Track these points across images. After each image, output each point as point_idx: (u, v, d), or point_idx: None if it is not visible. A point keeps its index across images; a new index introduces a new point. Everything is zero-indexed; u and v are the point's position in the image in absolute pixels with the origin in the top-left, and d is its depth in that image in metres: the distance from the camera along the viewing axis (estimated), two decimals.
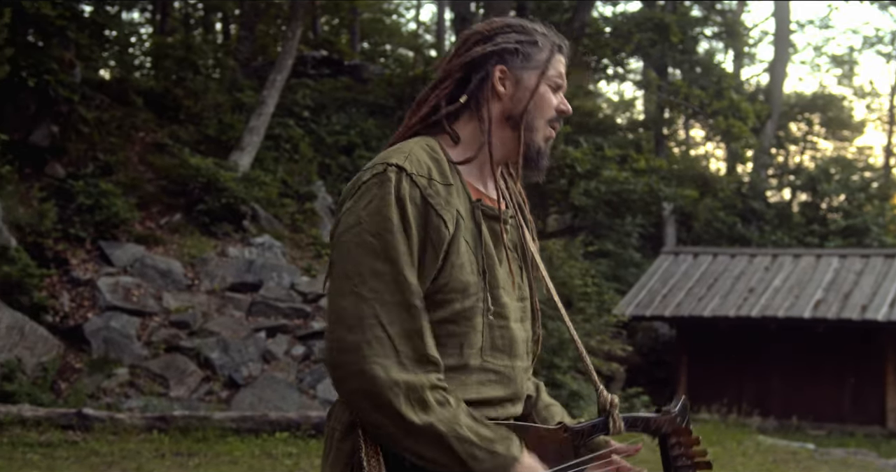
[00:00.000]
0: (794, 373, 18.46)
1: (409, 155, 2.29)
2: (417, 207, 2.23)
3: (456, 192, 2.32)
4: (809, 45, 48.90)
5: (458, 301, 2.27)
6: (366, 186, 2.26)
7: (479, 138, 2.41)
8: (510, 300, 2.39)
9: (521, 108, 2.40)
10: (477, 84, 2.42)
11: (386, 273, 2.18)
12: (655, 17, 18.18)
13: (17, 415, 10.93)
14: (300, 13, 18.44)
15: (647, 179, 14.48)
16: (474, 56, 2.43)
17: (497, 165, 2.45)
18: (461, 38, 2.48)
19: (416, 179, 2.25)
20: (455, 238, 2.27)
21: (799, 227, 25.00)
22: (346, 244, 2.22)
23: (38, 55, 14.29)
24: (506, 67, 2.41)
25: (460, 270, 2.27)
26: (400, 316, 2.18)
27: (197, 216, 15.60)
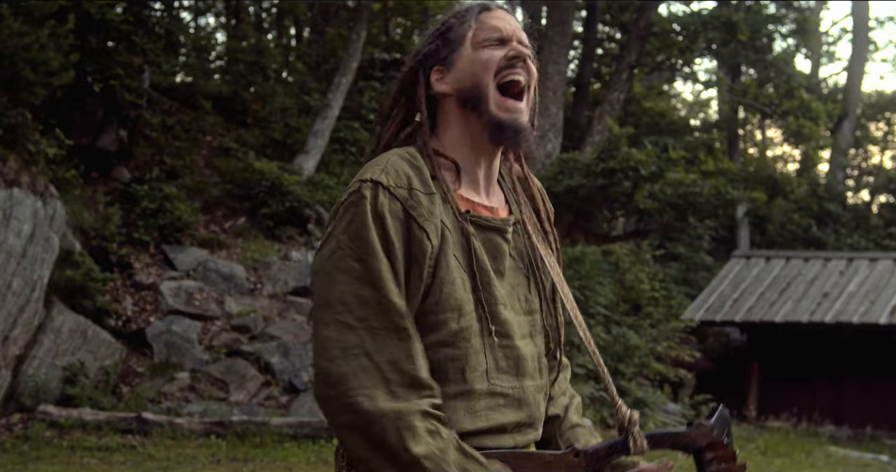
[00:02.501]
0: (869, 381, 17.97)
1: (386, 167, 2.17)
2: (400, 220, 2.12)
3: (440, 201, 2.19)
4: (891, 42, 47.76)
5: (453, 321, 2.14)
6: (343, 208, 2.15)
7: (421, 144, 2.28)
8: (513, 316, 2.24)
9: (461, 84, 2.26)
10: (414, 95, 2.31)
11: (371, 299, 2.07)
12: (723, 16, 17.83)
13: (79, 419, 11.04)
14: (365, 16, 18.42)
15: (714, 182, 14.17)
16: (403, 78, 2.33)
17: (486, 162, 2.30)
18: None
19: (394, 192, 2.13)
20: (442, 252, 2.15)
21: (877, 230, 24.40)
22: (328, 271, 2.12)
23: (104, 60, 14.42)
24: (440, 65, 2.29)
25: (451, 286, 2.14)
26: (388, 342, 2.07)
27: (261, 220, 15.65)
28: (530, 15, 21.08)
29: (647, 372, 16.00)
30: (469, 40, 2.27)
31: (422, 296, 2.13)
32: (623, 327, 16.07)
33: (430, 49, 2.29)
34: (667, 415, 15.75)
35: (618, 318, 16.31)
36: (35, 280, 11.84)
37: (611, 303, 16.31)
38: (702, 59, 23.97)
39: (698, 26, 17.98)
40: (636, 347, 15.36)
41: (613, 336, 15.48)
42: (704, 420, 2.29)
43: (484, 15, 2.30)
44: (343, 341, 2.06)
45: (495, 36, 2.27)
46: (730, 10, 18.86)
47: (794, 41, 26.01)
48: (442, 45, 2.29)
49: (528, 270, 2.33)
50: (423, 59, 2.29)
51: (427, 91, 2.29)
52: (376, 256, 2.08)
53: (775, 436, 14.92)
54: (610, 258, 17.36)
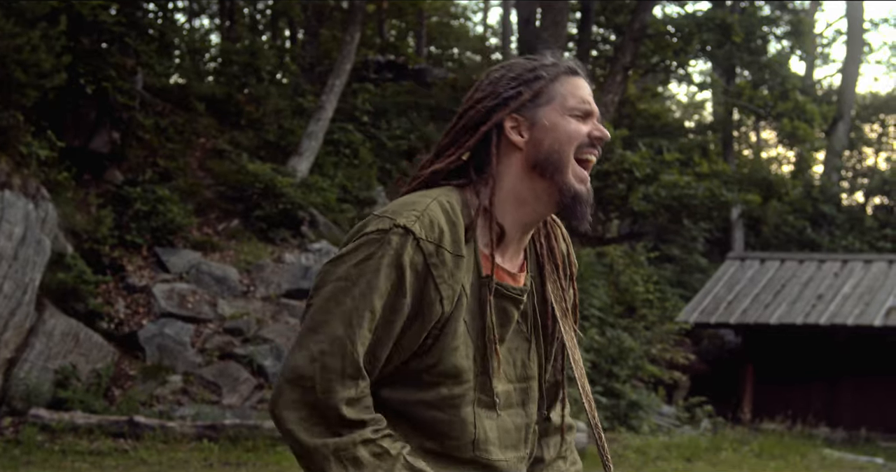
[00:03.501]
0: (864, 383, 17.96)
1: (423, 215, 2.09)
2: (418, 274, 2.06)
3: (466, 264, 2.12)
4: (885, 44, 47.78)
5: (445, 386, 2.11)
6: (366, 240, 2.08)
7: (485, 193, 2.18)
8: (503, 387, 2.19)
9: (543, 148, 2.16)
10: (482, 138, 2.20)
11: (339, 339, 2.04)
12: (718, 18, 17.80)
13: (70, 422, 10.99)
14: (359, 18, 18.38)
15: (708, 184, 14.14)
16: (475, 115, 2.21)
17: (528, 227, 2.22)
18: (464, 101, 2.27)
19: (422, 245, 2.06)
20: (452, 317, 2.09)
21: (871, 231, 24.38)
22: (324, 295, 2.08)
23: (96, 62, 14.36)
24: (516, 114, 2.19)
25: (453, 354, 2.10)
26: (333, 384, 2.04)
27: (254, 222, 15.60)
28: (525, 17, 21.05)
29: (641, 374, 15.98)
30: (557, 102, 2.19)
31: (419, 353, 2.10)
32: (617, 329, 16.05)
33: (512, 94, 2.19)
34: (661, 417, 15.73)
35: (612, 320, 16.29)
36: (26, 283, 11.79)
37: (605, 305, 16.29)
38: (696, 60, 23.95)
39: (693, 28, 17.95)
40: (630, 349, 15.34)
41: (608, 338, 15.45)
42: None
43: (573, 79, 2.22)
44: (302, 370, 2.05)
45: (584, 108, 2.20)
46: (724, 12, 18.83)
47: (788, 43, 25.99)
48: (528, 95, 2.19)
49: (530, 333, 2.26)
50: (501, 103, 2.19)
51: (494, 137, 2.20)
52: (370, 301, 2.04)
53: (770, 439, 14.89)
54: (604, 260, 17.35)
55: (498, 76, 2.23)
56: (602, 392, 14.54)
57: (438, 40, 30.39)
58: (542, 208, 2.20)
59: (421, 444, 2.11)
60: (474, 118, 2.20)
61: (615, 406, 14.56)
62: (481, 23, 38.51)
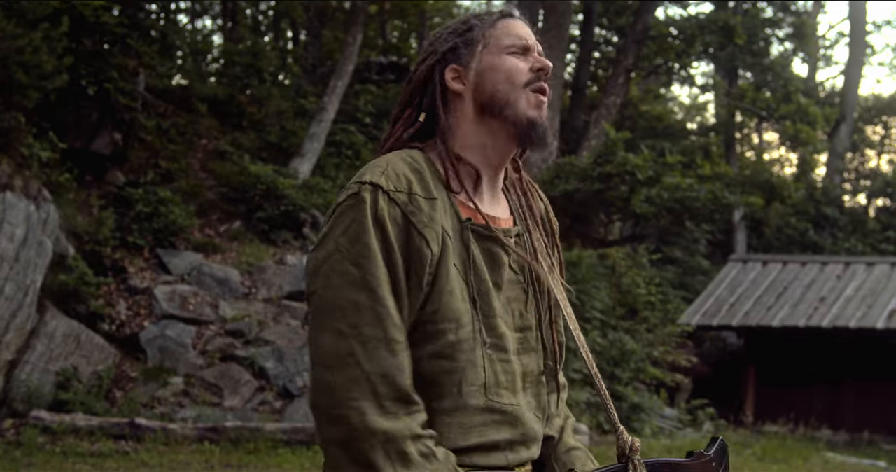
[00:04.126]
0: (867, 386, 17.92)
1: (386, 170, 2.10)
2: (399, 226, 2.05)
3: (442, 207, 2.12)
4: (888, 46, 47.75)
5: (451, 332, 2.08)
6: (341, 209, 2.08)
7: (443, 147, 2.20)
8: (509, 331, 2.17)
9: (486, 89, 2.20)
10: (430, 96, 2.24)
11: (365, 305, 2.00)
12: (720, 20, 17.77)
13: (71, 424, 10.96)
14: (361, 19, 18.36)
15: (710, 186, 14.12)
16: (420, 76, 2.26)
17: (497, 168, 2.24)
18: (409, 74, 2.32)
19: (394, 196, 2.06)
20: (443, 259, 2.08)
21: (874, 233, 24.34)
22: (325, 274, 2.04)
23: (98, 63, 14.35)
24: (455, 65, 2.24)
25: (450, 296, 2.08)
26: (379, 353, 1.99)
27: (256, 224, 15.59)
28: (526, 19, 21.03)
29: (643, 377, 15.94)
30: (492, 44, 2.23)
31: (420, 304, 2.07)
32: (619, 331, 16.02)
33: (448, 47, 2.24)
34: (663, 420, 15.70)
35: (614, 322, 16.25)
36: (28, 285, 11.77)
37: (607, 307, 16.24)
38: (699, 62, 23.92)
39: (695, 30, 17.92)
40: (632, 352, 15.31)
41: (609, 341, 15.42)
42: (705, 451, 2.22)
43: (506, 21, 2.26)
44: (336, 349, 2.00)
45: (519, 43, 2.23)
46: (727, 14, 18.80)
47: (791, 45, 25.97)
48: (462, 44, 2.23)
49: (527, 284, 2.26)
50: (440, 58, 2.24)
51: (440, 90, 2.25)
52: (375, 261, 2.02)
53: (772, 441, 14.86)
54: (606, 262, 17.31)
55: (436, 36, 2.29)
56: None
57: None
58: (502, 145, 2.22)
59: (439, 405, 2.08)
60: (419, 78, 2.25)
61: (617, 409, 14.48)
62: None
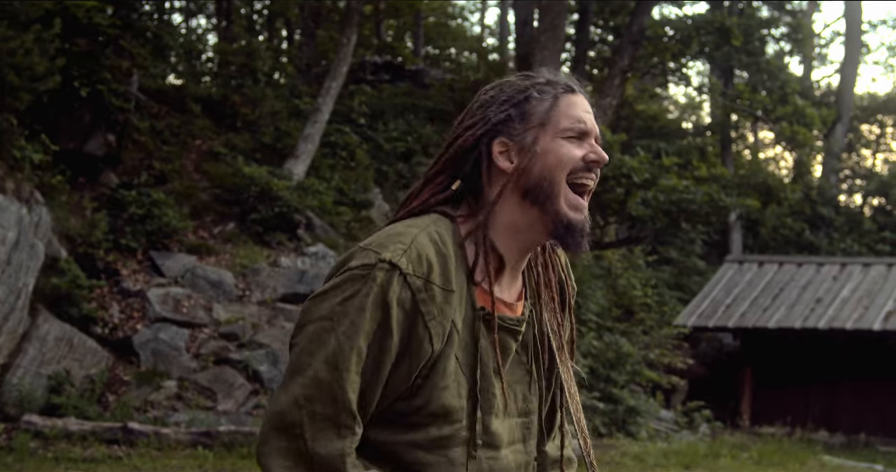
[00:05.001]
0: (863, 387, 17.87)
1: (410, 248, 1.96)
2: (405, 312, 1.95)
3: (458, 299, 2.00)
4: (883, 44, 47.70)
5: (434, 427, 1.99)
6: (350, 276, 1.96)
7: (476, 233, 2.06)
8: (503, 423, 2.07)
9: (532, 175, 2.04)
10: (472, 166, 2.09)
11: (326, 383, 1.92)
12: (716, 20, 17.71)
13: (63, 429, 10.89)
14: (355, 20, 18.27)
15: (707, 188, 14.05)
16: (464, 144, 2.09)
17: (523, 254, 2.11)
18: (455, 125, 2.15)
19: (409, 280, 1.94)
20: (443, 355, 1.98)
21: (870, 234, 24.30)
22: (308, 336, 1.96)
23: (90, 65, 14.26)
24: (505, 139, 2.07)
25: (443, 393, 1.98)
26: (325, 433, 1.92)
27: (250, 226, 15.51)
28: (522, 18, 20.97)
29: (639, 380, 15.89)
30: (550, 125, 2.06)
31: (406, 395, 1.98)
32: (615, 333, 15.96)
33: (502, 118, 2.07)
34: (659, 422, 15.66)
35: (610, 324, 16.20)
36: (20, 288, 11.69)
37: (603, 309, 16.19)
38: (694, 62, 23.86)
39: (691, 31, 17.86)
40: (628, 354, 15.25)
41: (605, 343, 15.37)
42: None
43: (568, 98, 2.09)
44: (287, 415, 1.93)
45: (578, 128, 2.07)
46: (723, 15, 18.73)
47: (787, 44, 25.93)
48: (517, 117, 2.07)
49: (531, 365, 2.14)
50: (492, 128, 2.07)
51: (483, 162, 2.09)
52: (355, 344, 1.93)
53: (769, 444, 14.80)
54: (602, 264, 17.26)
55: (488, 99, 2.11)
56: (600, 398, 14.45)
57: (436, 41, 30.29)
58: (535, 236, 2.09)
59: None
60: (463, 146, 2.09)
61: (613, 412, 14.47)
62: (479, 23, 38.43)
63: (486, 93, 2.14)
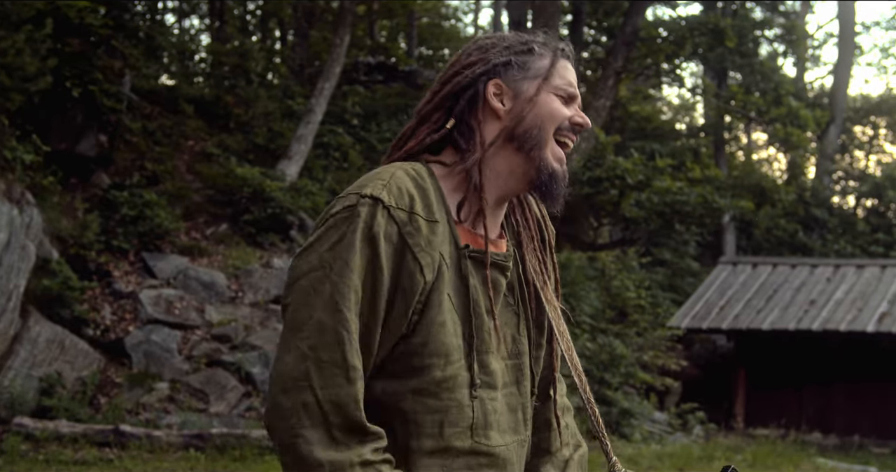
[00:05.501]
0: (857, 389, 17.85)
1: (389, 183, 1.96)
2: (393, 245, 1.93)
3: (442, 231, 1.99)
4: (876, 46, 47.75)
5: (438, 368, 1.95)
6: (333, 221, 1.94)
7: (469, 171, 2.07)
8: (498, 364, 2.04)
9: (524, 122, 2.07)
10: (466, 105, 2.10)
11: (329, 327, 1.88)
12: (710, 22, 17.69)
13: (55, 431, 10.83)
14: (348, 20, 18.21)
15: (701, 190, 14.02)
16: (462, 81, 2.11)
17: (502, 200, 2.11)
18: (448, 65, 2.17)
19: (393, 213, 1.93)
20: (436, 289, 1.95)
21: (863, 235, 24.28)
22: (300, 290, 1.92)
23: (82, 65, 14.19)
24: (500, 81, 2.10)
25: (440, 329, 1.95)
26: (335, 380, 1.87)
27: (243, 227, 15.46)
28: (516, 19, 20.92)
29: (633, 381, 15.85)
30: (542, 78, 2.11)
31: (406, 333, 1.94)
32: (609, 335, 15.93)
33: (503, 61, 2.10)
34: (653, 424, 15.62)
35: (604, 326, 16.16)
36: (11, 289, 11.62)
37: (596, 311, 16.15)
38: (688, 63, 23.84)
39: (685, 32, 17.84)
40: (622, 356, 15.22)
41: (599, 345, 15.33)
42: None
43: (563, 61, 2.15)
44: (294, 371, 1.88)
45: (569, 90, 2.12)
46: (716, 16, 18.71)
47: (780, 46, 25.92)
48: (517, 64, 2.11)
49: (518, 306, 2.13)
50: (491, 69, 2.10)
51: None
52: (350, 281, 1.89)
53: (763, 446, 14.78)
54: (596, 265, 17.21)
55: (487, 44, 2.15)
56: (595, 399, 14.39)
57: (429, 41, 30.24)
58: (514, 183, 2.11)
59: (419, 445, 1.96)
60: (461, 83, 2.11)
61: (607, 414, 14.42)
62: (472, 24, 38.37)
63: (485, 39, 2.17)
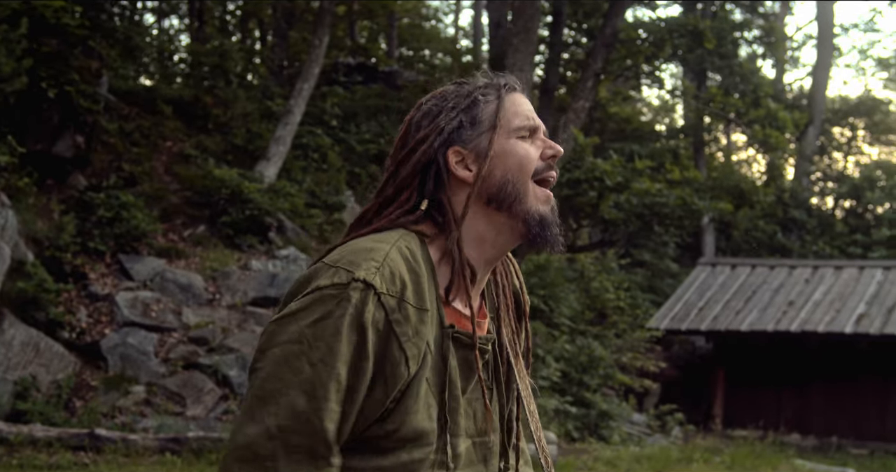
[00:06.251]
0: (835, 390, 17.90)
1: (383, 265, 1.86)
2: (379, 333, 1.84)
3: (430, 318, 1.90)
4: (854, 48, 47.92)
5: (405, 451, 1.89)
6: (320, 296, 1.84)
7: (450, 251, 1.97)
8: (465, 444, 1.99)
9: (494, 180, 1.97)
10: (434, 182, 2.00)
11: (304, 414, 1.80)
12: (689, 24, 17.71)
13: (29, 435, 10.71)
14: (326, 21, 18.15)
15: (680, 192, 14.03)
16: (422, 158, 2.01)
17: (492, 262, 2.03)
18: (399, 140, 2.06)
19: (383, 300, 1.84)
20: (416, 379, 1.88)
21: (842, 236, 24.39)
22: (275, 360, 1.83)
23: (59, 65, 14.08)
24: (459, 147, 2.00)
25: (414, 416, 1.88)
26: (301, 467, 1.80)
27: (221, 228, 15.37)
28: (496, 20, 20.90)
29: (612, 383, 15.85)
30: (502, 125, 2.00)
31: (378, 418, 1.88)
32: (588, 337, 15.92)
33: (454, 126, 2.00)
34: (632, 426, 15.62)
35: (583, 328, 16.15)
36: None
37: (575, 313, 16.13)
38: (668, 65, 23.87)
39: (664, 33, 17.84)
40: (601, 358, 15.21)
41: (578, 347, 15.32)
42: None
43: (512, 96, 2.04)
44: (258, 447, 1.80)
45: (528, 125, 2.02)
46: (696, 18, 18.73)
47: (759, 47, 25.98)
48: (467, 122, 2.00)
49: (492, 382, 2.06)
50: (447, 138, 2.00)
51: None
52: (333, 369, 1.81)
53: (741, 448, 14.79)
54: (575, 267, 17.20)
55: (432, 108, 2.03)
56: (572, 402, 14.40)
57: (409, 42, 30.21)
58: (503, 242, 2.02)
59: None
60: (422, 160, 2.00)
61: (585, 416, 14.42)
62: (453, 25, 38.40)
63: (427, 103, 2.07)
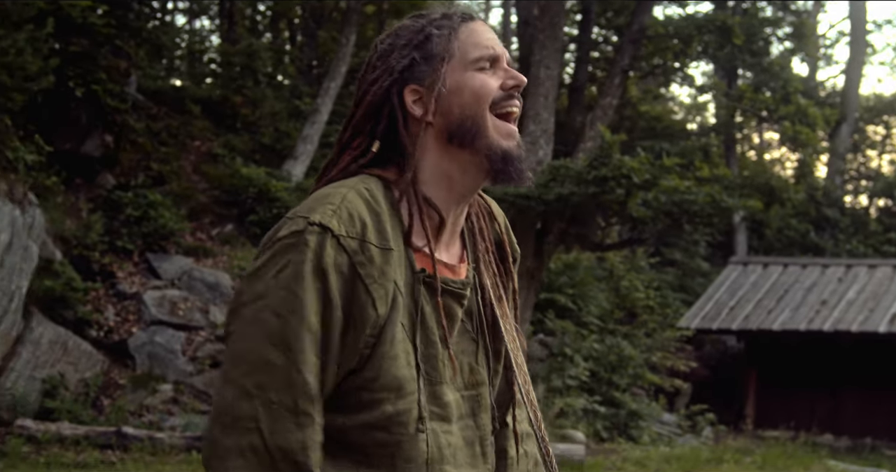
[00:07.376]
0: (869, 390, 17.67)
1: (339, 208, 1.80)
2: (344, 277, 1.78)
3: (397, 257, 1.84)
4: (888, 45, 47.49)
5: (389, 402, 1.81)
6: (280, 246, 1.79)
7: (411, 189, 1.90)
8: (453, 395, 1.91)
9: (453, 115, 1.89)
10: (388, 122, 1.92)
11: (278, 366, 1.74)
12: (718, 19, 17.54)
13: (56, 433, 10.76)
14: (353, 20, 18.14)
15: (709, 189, 13.89)
16: (374, 100, 1.93)
17: (462, 203, 1.95)
18: (357, 83, 1.99)
19: (343, 242, 1.78)
20: (389, 321, 1.81)
21: (876, 235, 24.10)
22: (245, 318, 1.78)
23: (86, 65, 14.11)
24: (415, 85, 1.92)
25: (393, 362, 1.81)
26: (284, 424, 1.74)
27: (248, 227, 15.39)
28: (524, 18, 20.81)
29: (641, 383, 15.71)
30: (457, 58, 1.92)
31: (356, 367, 1.81)
32: (617, 336, 15.79)
33: (405, 64, 1.92)
34: (662, 426, 15.48)
35: (612, 327, 16.03)
36: (13, 291, 11.54)
37: (604, 312, 16.01)
38: (698, 62, 23.69)
39: (692, 30, 17.68)
40: (630, 357, 15.08)
41: (607, 346, 15.20)
42: None
43: (469, 26, 1.95)
44: (237, 409, 1.74)
45: (487, 54, 1.92)
46: (725, 14, 18.56)
47: (791, 44, 25.74)
48: (420, 59, 1.91)
49: (477, 333, 1.98)
50: (398, 77, 1.92)
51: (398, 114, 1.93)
52: (302, 317, 1.75)
53: (773, 449, 14.62)
54: (604, 265, 17.08)
55: (386, 48, 1.95)
56: (601, 402, 14.28)
57: None
58: (470, 181, 1.93)
59: None
60: (373, 101, 1.93)
61: (615, 416, 14.29)
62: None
63: (383, 42, 1.98)
